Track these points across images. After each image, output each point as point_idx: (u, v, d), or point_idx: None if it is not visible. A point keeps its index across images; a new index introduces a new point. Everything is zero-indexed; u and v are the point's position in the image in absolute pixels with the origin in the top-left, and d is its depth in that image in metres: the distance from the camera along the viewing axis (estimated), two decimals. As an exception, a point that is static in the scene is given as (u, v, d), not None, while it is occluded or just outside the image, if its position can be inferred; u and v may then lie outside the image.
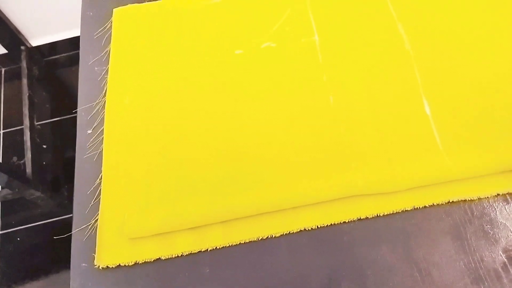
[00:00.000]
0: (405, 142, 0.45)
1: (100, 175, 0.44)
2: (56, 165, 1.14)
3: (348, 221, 0.41)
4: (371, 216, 0.41)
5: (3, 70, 1.29)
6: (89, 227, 0.42)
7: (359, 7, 0.53)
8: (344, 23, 0.52)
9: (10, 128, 1.20)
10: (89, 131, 0.47)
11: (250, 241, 0.41)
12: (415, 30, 0.51)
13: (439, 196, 0.42)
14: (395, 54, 0.50)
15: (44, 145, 1.16)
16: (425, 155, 0.44)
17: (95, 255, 0.40)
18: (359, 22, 0.52)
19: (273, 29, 0.53)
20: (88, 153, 0.45)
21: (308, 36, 0.52)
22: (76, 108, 0.47)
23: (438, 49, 0.50)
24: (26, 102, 1.13)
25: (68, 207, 1.10)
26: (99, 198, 0.43)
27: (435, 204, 0.42)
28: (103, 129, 0.46)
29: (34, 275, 1.04)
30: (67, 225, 1.13)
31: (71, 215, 1.13)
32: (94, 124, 0.47)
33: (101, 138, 0.46)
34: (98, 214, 0.42)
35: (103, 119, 0.47)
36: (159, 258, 0.41)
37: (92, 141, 0.46)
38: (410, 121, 0.46)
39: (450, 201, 0.42)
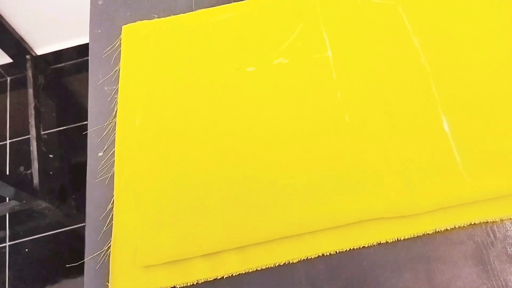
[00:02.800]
0: (424, 161, 0.43)
1: (112, 199, 0.43)
2: (63, 175, 1.14)
3: (368, 246, 0.40)
4: (391, 241, 0.40)
5: (8, 79, 1.29)
6: (102, 254, 0.41)
7: (373, 21, 0.52)
8: (358, 38, 0.51)
9: (17, 137, 1.20)
10: (100, 154, 0.46)
11: (267, 267, 0.40)
12: (431, 45, 0.50)
13: (460, 218, 0.41)
14: (411, 70, 0.48)
15: (51, 154, 1.15)
16: (444, 175, 0.43)
17: (109, 284, 0.39)
18: (373, 36, 0.51)
19: (285, 45, 0.51)
20: (100, 177, 0.44)
21: (321, 52, 0.50)
22: (82, 117, 0.46)
23: (456, 64, 0.48)
24: (32, 112, 1.13)
25: (75, 217, 1.09)
26: (112, 224, 0.42)
27: (456, 226, 0.41)
28: (114, 151, 0.45)
29: (42, 285, 1.03)
30: (75, 235, 1.13)
31: (79, 225, 1.13)
32: (105, 147, 0.46)
33: (112, 160, 0.45)
34: (110, 241, 0.41)
35: (114, 141, 0.46)
36: (174, 286, 0.40)
37: (103, 164, 0.45)
38: (428, 140, 0.45)
39: (472, 223, 0.41)
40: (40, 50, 1.24)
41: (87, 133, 0.47)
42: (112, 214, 0.42)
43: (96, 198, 0.43)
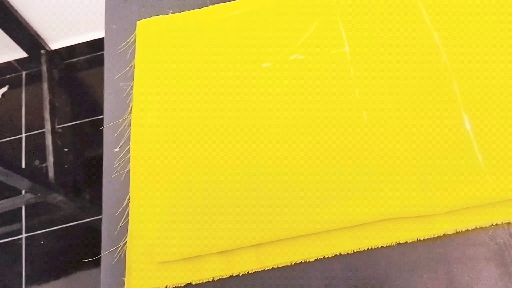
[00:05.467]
0: (444, 161, 0.42)
1: (128, 195, 0.43)
2: (77, 169, 1.15)
3: (386, 246, 0.39)
4: (410, 241, 0.40)
5: (24, 73, 1.30)
6: (118, 249, 0.41)
7: (391, 16, 0.51)
8: (376, 34, 0.50)
9: (32, 131, 1.21)
10: (116, 149, 0.46)
11: (282, 266, 0.40)
12: (452, 40, 0.48)
13: (481, 219, 0.40)
14: (431, 65, 0.47)
15: (66, 148, 1.17)
16: (466, 175, 0.41)
17: (125, 280, 0.40)
18: (392, 31, 0.50)
19: (301, 40, 0.51)
20: (116, 173, 0.45)
21: (338, 47, 0.49)
22: (96, 111, 0.47)
23: (478, 60, 0.47)
24: (47, 106, 1.14)
25: (89, 210, 1.10)
26: (128, 220, 0.42)
27: (477, 227, 0.40)
28: (129, 147, 0.45)
29: (57, 277, 1.05)
30: (89, 228, 1.14)
31: (93, 218, 1.15)
32: (121, 142, 0.46)
33: (128, 156, 0.45)
34: (126, 237, 0.41)
35: (129, 136, 0.46)
36: (190, 283, 0.40)
37: (119, 160, 0.45)
38: (449, 138, 0.43)
39: (494, 224, 0.40)
40: (54, 45, 1.25)
41: (101, 127, 0.47)
42: (128, 210, 0.42)
43: (112, 194, 0.44)
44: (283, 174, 0.43)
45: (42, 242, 1.09)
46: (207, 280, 0.40)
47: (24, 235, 1.10)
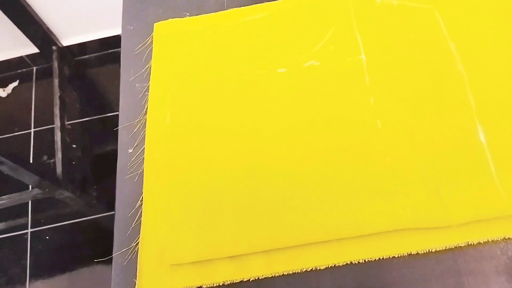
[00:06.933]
0: (457, 172, 0.42)
1: (141, 197, 0.44)
2: (85, 165, 1.15)
3: (397, 257, 0.39)
4: (421, 252, 0.39)
5: (34, 69, 1.31)
6: (130, 250, 0.42)
7: (408, 25, 0.51)
8: (393, 42, 0.50)
9: (41, 127, 1.22)
10: (130, 150, 0.46)
11: (293, 273, 0.40)
12: (468, 51, 0.48)
13: (493, 232, 0.40)
14: (447, 76, 0.47)
15: (74, 144, 1.17)
16: (478, 187, 0.41)
17: (136, 282, 0.40)
18: (408, 41, 0.50)
19: (317, 47, 0.51)
20: (130, 173, 0.45)
21: (354, 55, 0.49)
22: (105, 109, 0.47)
23: (494, 71, 0.47)
24: (57, 102, 1.15)
25: (96, 207, 1.11)
26: (140, 221, 0.42)
27: (489, 240, 0.40)
28: (143, 149, 0.46)
29: (61, 273, 1.05)
30: (95, 225, 1.15)
31: (99, 215, 1.15)
32: (135, 143, 0.46)
33: (142, 157, 0.45)
34: (138, 238, 0.42)
35: (144, 138, 0.46)
36: (200, 286, 0.40)
37: (133, 161, 0.45)
38: (462, 150, 0.43)
39: (506, 237, 0.40)
40: (65, 42, 1.25)
41: (110, 125, 0.47)
42: (141, 211, 0.43)
43: (125, 195, 0.44)
44: (295, 181, 0.43)
45: (47, 237, 1.10)
46: (217, 284, 0.40)
47: (30, 230, 1.11)
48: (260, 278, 0.40)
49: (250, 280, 0.40)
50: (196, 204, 0.43)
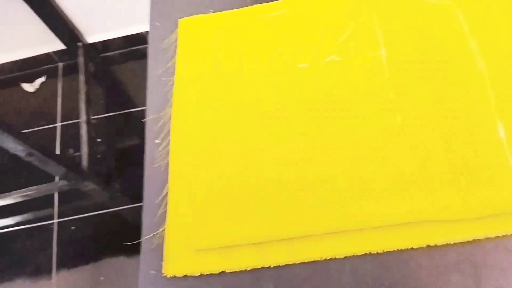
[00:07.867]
0: (477, 166, 0.43)
1: (167, 185, 0.46)
2: (109, 159, 1.19)
3: (416, 248, 0.40)
4: (440, 244, 0.40)
5: (60, 65, 1.35)
6: (157, 235, 0.44)
7: (428, 21, 0.51)
8: (413, 38, 0.50)
9: (67, 121, 1.26)
10: (157, 141, 0.48)
11: (313, 261, 0.41)
12: (489, 47, 0.48)
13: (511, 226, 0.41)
14: (467, 72, 0.47)
15: (99, 139, 1.21)
16: (497, 181, 0.42)
17: (163, 264, 0.42)
18: (428, 37, 0.50)
19: (338, 42, 0.52)
20: (157, 163, 0.47)
21: (374, 50, 0.50)
22: (129, 104, 0.49)
23: (515, 68, 0.47)
24: (83, 97, 1.19)
25: (119, 199, 1.14)
26: (167, 208, 0.44)
27: (508, 234, 0.40)
28: (169, 139, 0.48)
29: (86, 262, 1.09)
30: (118, 217, 1.18)
31: (122, 207, 1.18)
32: (162, 134, 0.48)
33: (168, 148, 0.47)
34: (165, 224, 0.44)
35: (169, 129, 0.48)
36: (224, 271, 0.42)
37: (160, 151, 0.48)
38: (482, 144, 0.44)
39: (525, 231, 0.40)
40: (91, 38, 1.29)
41: (134, 120, 0.50)
42: (167, 199, 0.45)
43: (153, 183, 0.46)
44: (319, 171, 0.44)
45: (72, 228, 1.14)
46: (240, 270, 0.41)
47: (56, 220, 1.15)
48: (281, 265, 0.41)
49: (272, 266, 0.41)
50: (220, 192, 0.45)
